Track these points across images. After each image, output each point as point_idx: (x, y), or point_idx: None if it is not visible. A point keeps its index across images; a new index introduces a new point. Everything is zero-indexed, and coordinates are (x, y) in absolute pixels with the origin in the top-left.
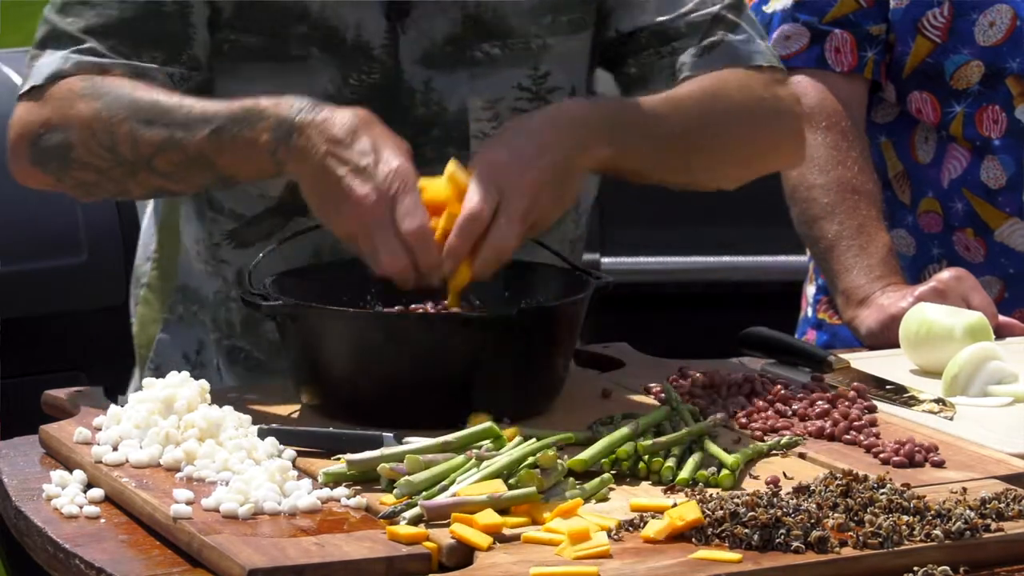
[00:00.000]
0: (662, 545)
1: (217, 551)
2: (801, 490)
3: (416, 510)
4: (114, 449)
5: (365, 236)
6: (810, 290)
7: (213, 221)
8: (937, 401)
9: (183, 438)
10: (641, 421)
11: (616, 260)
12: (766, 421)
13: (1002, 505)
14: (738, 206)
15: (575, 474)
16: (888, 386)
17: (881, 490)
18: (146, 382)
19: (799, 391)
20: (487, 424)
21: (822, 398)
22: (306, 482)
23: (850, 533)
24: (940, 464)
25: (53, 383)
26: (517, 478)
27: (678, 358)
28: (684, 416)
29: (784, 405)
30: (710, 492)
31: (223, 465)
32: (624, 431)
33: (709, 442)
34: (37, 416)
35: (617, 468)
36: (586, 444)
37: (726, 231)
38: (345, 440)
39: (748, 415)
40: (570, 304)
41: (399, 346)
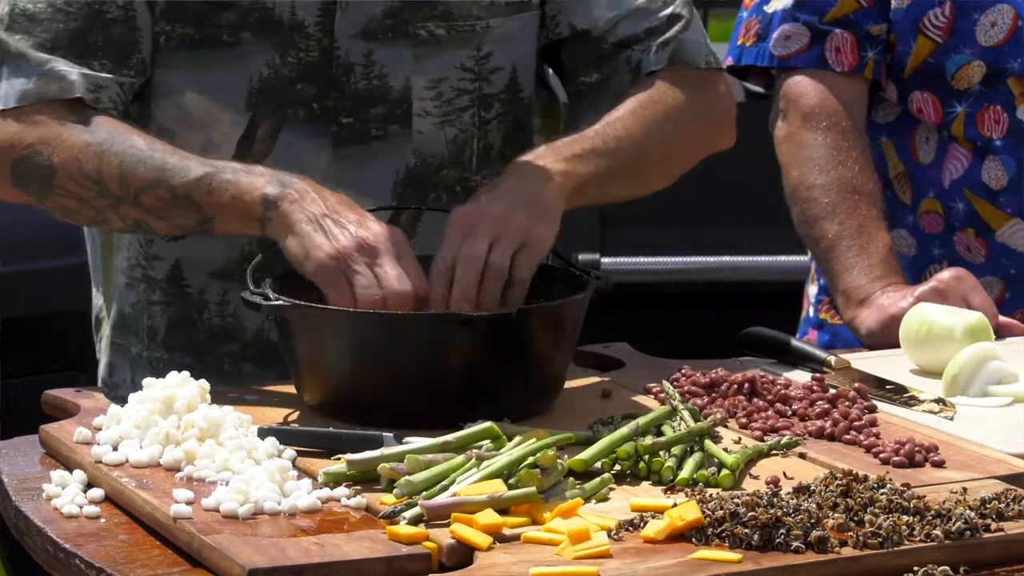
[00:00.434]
0: (662, 545)
1: (217, 551)
2: (801, 490)
3: (416, 510)
4: (114, 449)
5: (338, 270)
6: (812, 290)
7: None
8: (937, 401)
9: (183, 438)
10: (641, 421)
11: (616, 260)
12: (766, 421)
13: (1002, 505)
14: (738, 206)
15: (575, 474)
16: (888, 386)
17: (881, 490)
18: (146, 382)
19: (799, 391)
20: (487, 424)
21: (822, 398)
22: (306, 482)
23: (850, 533)
24: (940, 464)
25: (53, 383)
26: (517, 478)
27: (678, 358)
28: (684, 416)
29: (784, 405)
30: (710, 492)
31: (223, 465)
32: (624, 431)
33: (709, 442)
34: (37, 416)
35: (617, 468)
36: (586, 444)
37: (726, 231)
38: (345, 440)
39: (748, 415)
40: (570, 304)
41: (399, 346)
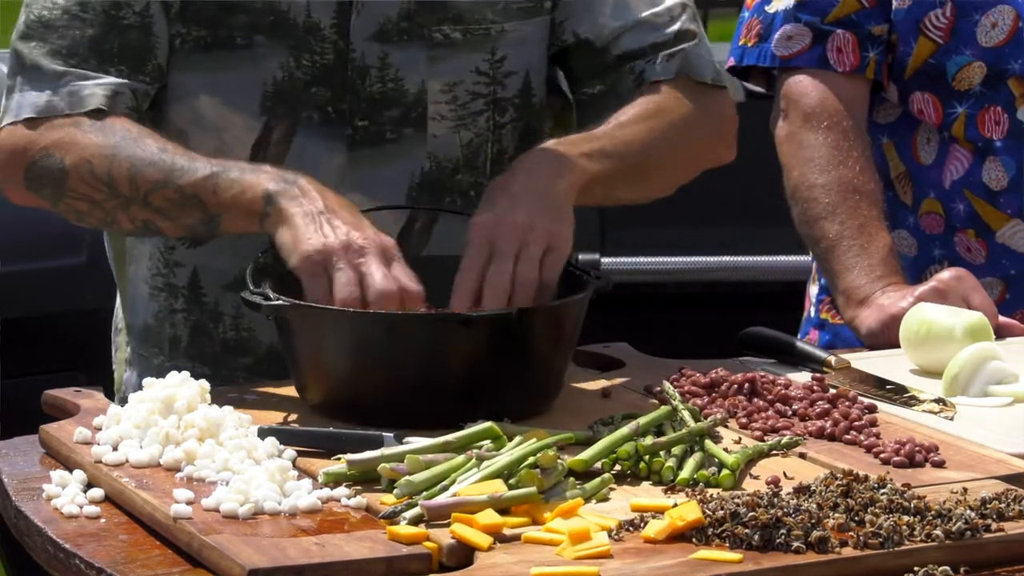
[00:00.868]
0: (662, 545)
1: (217, 551)
2: (801, 490)
3: (416, 510)
4: (114, 449)
5: (321, 264)
6: (813, 290)
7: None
8: (937, 401)
9: (183, 438)
10: (641, 421)
11: (616, 260)
12: (766, 421)
13: (1002, 505)
14: (738, 206)
15: (575, 474)
16: (888, 386)
17: (881, 490)
18: (146, 382)
19: (799, 391)
20: (487, 424)
21: (822, 398)
22: (306, 482)
23: (850, 533)
24: (940, 464)
25: (53, 383)
26: (517, 478)
27: (678, 358)
28: (684, 416)
29: (784, 405)
30: (710, 492)
31: (223, 465)
32: (624, 431)
33: (709, 442)
34: (37, 416)
35: (617, 468)
36: (586, 444)
37: (726, 231)
38: (345, 440)
39: (748, 415)
40: (570, 304)
41: (399, 346)
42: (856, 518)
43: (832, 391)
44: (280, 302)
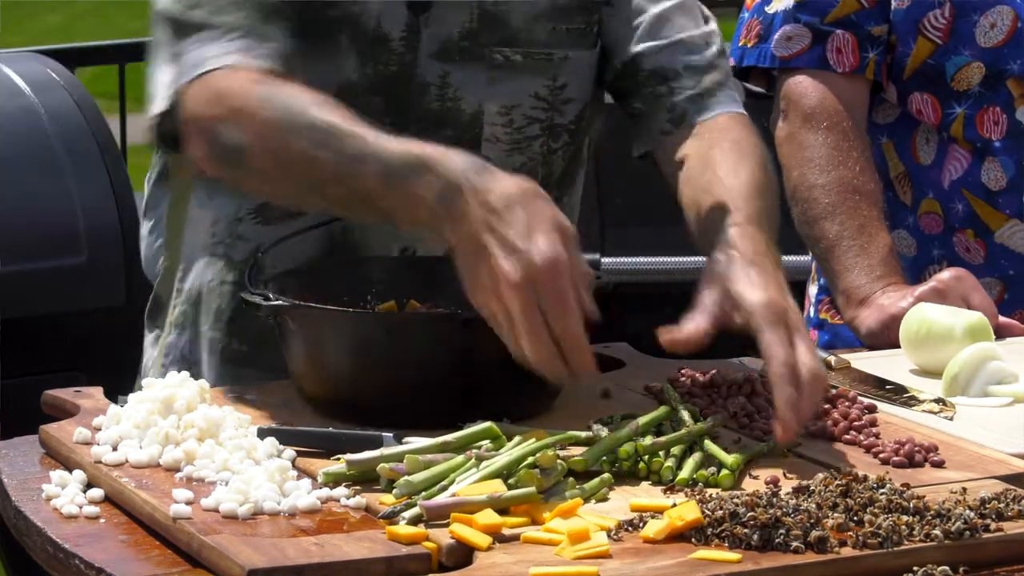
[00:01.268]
0: (662, 545)
1: (217, 551)
2: (801, 490)
3: (416, 510)
4: (114, 449)
5: (507, 319)
6: (812, 290)
7: (242, 196)
8: (937, 401)
9: (183, 438)
10: (641, 421)
11: (616, 260)
12: (766, 421)
13: (1002, 505)
14: None
15: (575, 474)
16: (888, 386)
17: (881, 490)
18: (146, 382)
19: None
20: (486, 424)
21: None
22: (306, 482)
23: (850, 533)
24: (940, 464)
25: (53, 383)
26: (517, 478)
27: (678, 358)
28: (684, 416)
29: None
30: (710, 492)
31: (223, 465)
32: (624, 431)
33: (709, 442)
34: (37, 416)
35: (617, 468)
36: (586, 444)
37: None
38: (345, 440)
39: (748, 415)
40: None
41: (399, 346)
42: (855, 518)
43: (832, 391)
44: (280, 302)
